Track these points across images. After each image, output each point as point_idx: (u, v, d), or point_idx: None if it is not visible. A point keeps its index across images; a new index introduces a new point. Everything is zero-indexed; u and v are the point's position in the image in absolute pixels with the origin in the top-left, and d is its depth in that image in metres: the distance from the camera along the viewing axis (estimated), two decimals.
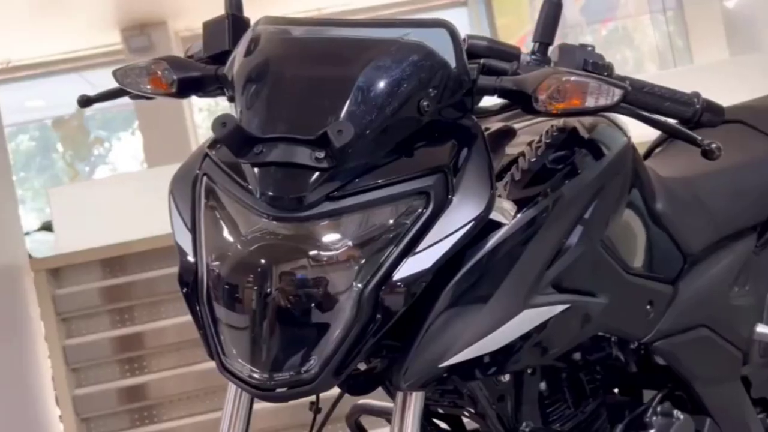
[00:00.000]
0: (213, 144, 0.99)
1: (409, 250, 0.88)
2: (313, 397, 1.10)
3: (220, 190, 0.94)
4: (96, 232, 3.10)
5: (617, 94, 0.93)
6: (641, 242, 1.25)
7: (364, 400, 1.37)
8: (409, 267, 0.88)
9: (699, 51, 6.04)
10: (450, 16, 7.32)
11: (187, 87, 1.07)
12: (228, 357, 0.92)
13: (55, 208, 3.32)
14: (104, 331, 3.03)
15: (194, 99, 1.14)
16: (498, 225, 0.96)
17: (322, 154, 0.84)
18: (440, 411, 1.28)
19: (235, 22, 1.10)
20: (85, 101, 1.24)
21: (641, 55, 6.98)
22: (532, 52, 1.06)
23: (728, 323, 1.39)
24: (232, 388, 1.06)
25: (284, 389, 0.89)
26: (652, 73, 5.55)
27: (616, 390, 1.41)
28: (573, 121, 1.11)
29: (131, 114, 8.31)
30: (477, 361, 0.96)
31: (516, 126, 1.13)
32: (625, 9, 7.02)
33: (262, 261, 0.87)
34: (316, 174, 0.85)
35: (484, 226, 0.93)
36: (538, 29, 1.06)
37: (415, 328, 0.93)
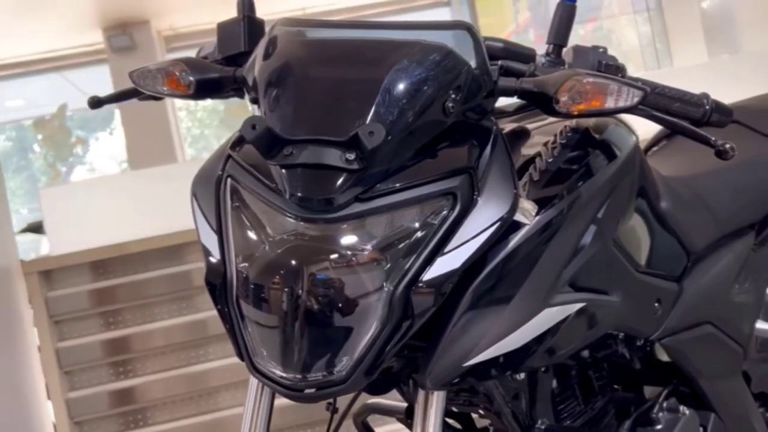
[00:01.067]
0: (235, 145, 0.99)
1: (437, 251, 0.89)
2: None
3: (246, 191, 0.94)
4: (89, 234, 3.07)
5: (637, 95, 0.94)
6: (646, 241, 1.26)
7: (372, 400, 1.38)
8: (439, 267, 0.88)
9: (678, 51, 6.11)
10: (433, 15, 7.33)
11: (204, 88, 1.06)
12: (258, 357, 0.92)
13: (47, 209, 3.28)
14: (97, 333, 2.99)
15: (176, 99, 1.14)
16: (516, 225, 0.96)
17: (352, 156, 0.85)
18: (454, 409, 1.29)
19: (250, 23, 1.10)
20: (96, 102, 1.24)
21: (621, 55, 7.04)
22: (547, 54, 1.07)
23: (730, 320, 1.42)
24: (253, 385, 1.06)
25: (313, 390, 0.89)
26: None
27: (617, 387, 1.42)
28: (585, 122, 1.12)
29: (109, 114, 8.21)
30: (497, 360, 0.97)
31: (529, 126, 1.14)
32: (609, 9, 7.07)
33: (293, 262, 0.87)
34: (345, 175, 0.85)
35: None
36: (552, 31, 1.07)
37: (439, 329, 0.94)
